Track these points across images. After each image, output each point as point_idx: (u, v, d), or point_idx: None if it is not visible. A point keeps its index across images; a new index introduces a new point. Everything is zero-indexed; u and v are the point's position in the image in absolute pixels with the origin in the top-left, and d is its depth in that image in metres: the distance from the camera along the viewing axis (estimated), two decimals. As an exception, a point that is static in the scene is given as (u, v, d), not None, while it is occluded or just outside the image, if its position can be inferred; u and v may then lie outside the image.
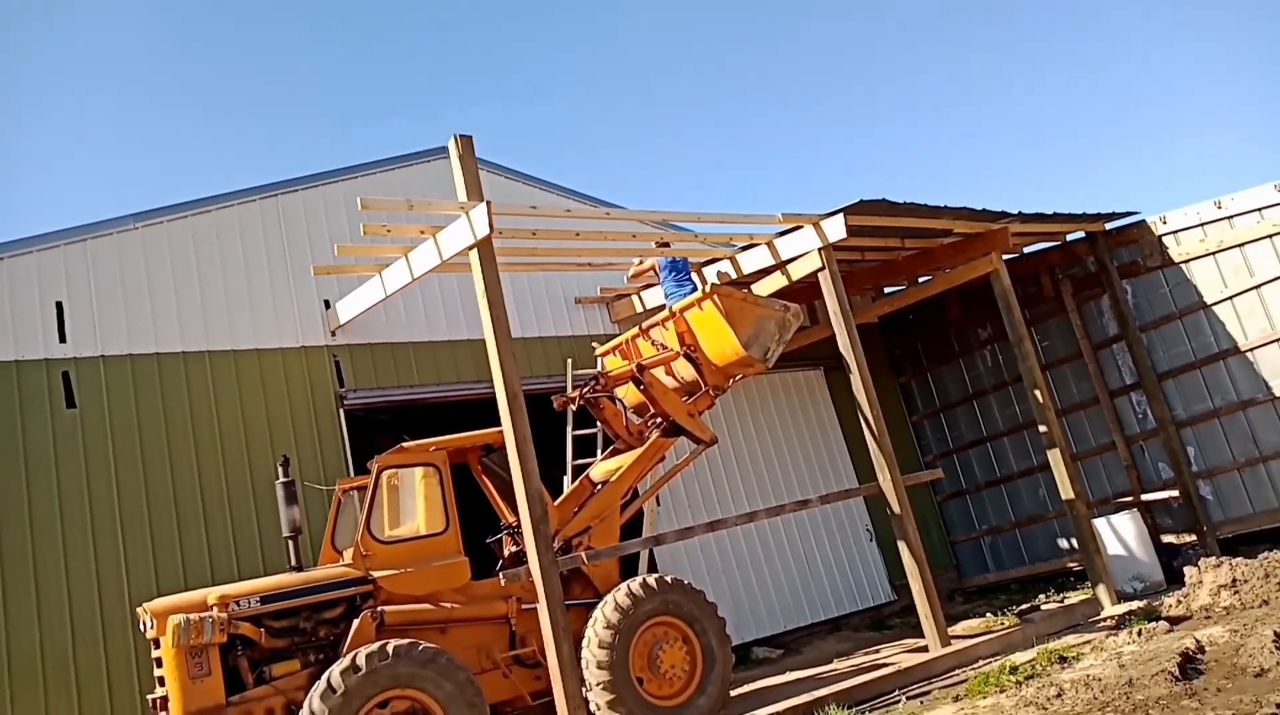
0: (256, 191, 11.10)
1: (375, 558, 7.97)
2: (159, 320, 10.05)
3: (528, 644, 8.39)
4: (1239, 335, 12.49)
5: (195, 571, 9.32)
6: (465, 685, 7.13)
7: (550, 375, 11.97)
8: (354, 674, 6.75)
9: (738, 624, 12.02)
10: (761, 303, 10.05)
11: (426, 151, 12.43)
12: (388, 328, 11.32)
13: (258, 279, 10.77)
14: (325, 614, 7.75)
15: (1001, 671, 8.10)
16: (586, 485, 9.55)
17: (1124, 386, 13.81)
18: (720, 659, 8.38)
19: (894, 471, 10.42)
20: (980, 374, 15.58)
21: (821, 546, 14.14)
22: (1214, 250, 12.61)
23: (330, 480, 9.88)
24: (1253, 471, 12.49)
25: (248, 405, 10.22)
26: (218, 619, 7.12)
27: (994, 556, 15.53)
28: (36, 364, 9.30)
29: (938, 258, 12.88)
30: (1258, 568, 9.10)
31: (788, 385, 14.82)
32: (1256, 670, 6.48)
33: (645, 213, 11.08)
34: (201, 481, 9.71)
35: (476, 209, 8.46)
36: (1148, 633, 8.55)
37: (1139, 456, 13.79)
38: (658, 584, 8.29)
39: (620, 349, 10.56)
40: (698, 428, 9.85)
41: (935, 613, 9.96)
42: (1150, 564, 12.16)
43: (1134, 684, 6.59)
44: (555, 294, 12.93)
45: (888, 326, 16.28)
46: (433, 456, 8.40)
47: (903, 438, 15.58)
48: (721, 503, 13.25)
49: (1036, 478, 14.73)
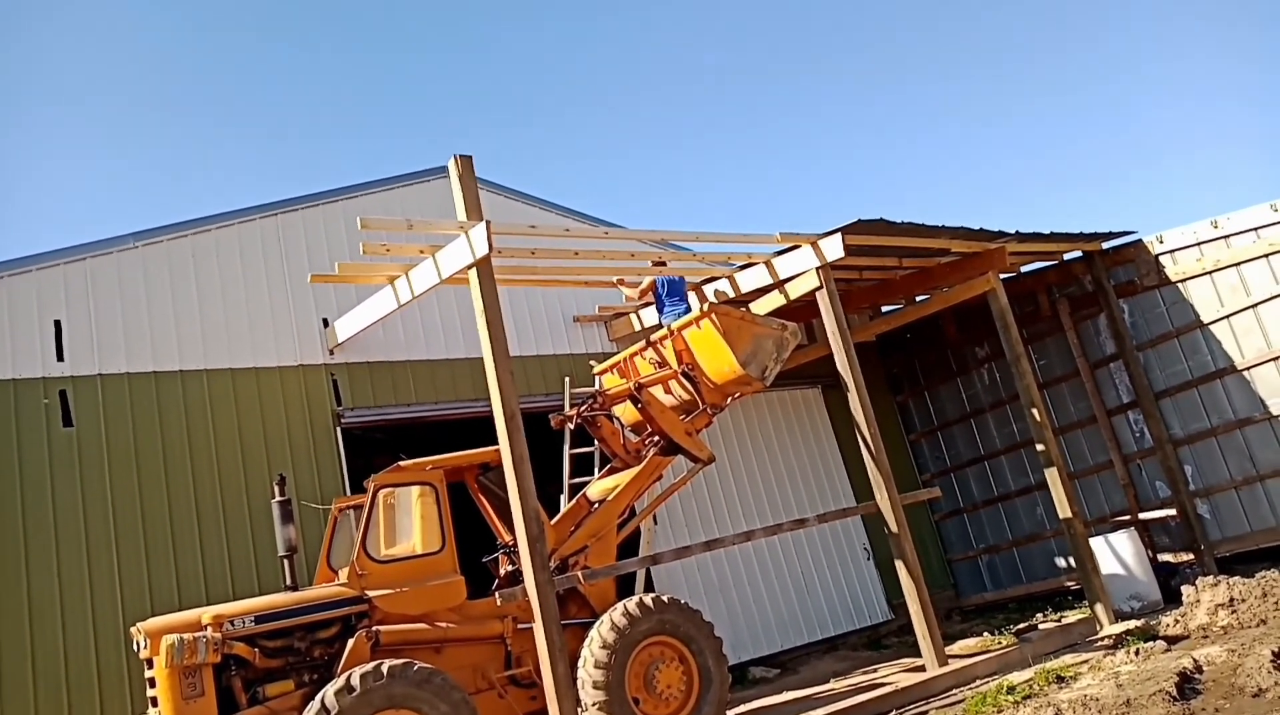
0: (256, 210, 11.15)
1: (371, 577, 7.94)
2: (157, 339, 10.06)
3: (523, 664, 8.35)
4: (1236, 354, 12.52)
5: (190, 591, 9.29)
6: (460, 705, 7.10)
7: (548, 394, 11.98)
8: (348, 694, 6.72)
9: (734, 643, 11.98)
10: (759, 321, 10.08)
11: (426, 171, 12.48)
12: (386, 346, 11.33)
13: (257, 298, 10.80)
14: (320, 633, 7.71)
15: (999, 691, 8.09)
16: (583, 504, 9.53)
17: (1121, 405, 13.82)
18: (717, 679, 8.35)
19: (891, 490, 10.41)
20: (978, 393, 15.60)
21: (819, 565, 14.11)
22: (1211, 269, 12.66)
23: (326, 499, 9.87)
24: (1250, 490, 12.49)
25: (245, 424, 10.22)
26: (212, 639, 7.08)
27: (991, 575, 15.50)
28: (34, 382, 9.30)
29: (935, 277, 12.93)
30: (1255, 587, 9.09)
31: (785, 404, 14.82)
32: (1254, 690, 6.47)
33: (644, 232, 11.13)
34: (197, 500, 9.70)
35: (476, 228, 8.50)
36: (1145, 652, 8.54)
37: (1136, 475, 13.79)
38: (654, 603, 8.27)
39: (618, 367, 10.58)
40: (695, 446, 9.85)
41: (932, 632, 9.93)
42: (1148, 583, 12.14)
43: (1131, 704, 6.58)
44: (553, 312, 12.95)
45: (885, 345, 16.30)
46: (429, 475, 8.38)
47: (900, 456, 15.59)
48: (719, 521, 13.23)
49: (1034, 496, 14.72)
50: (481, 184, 9.41)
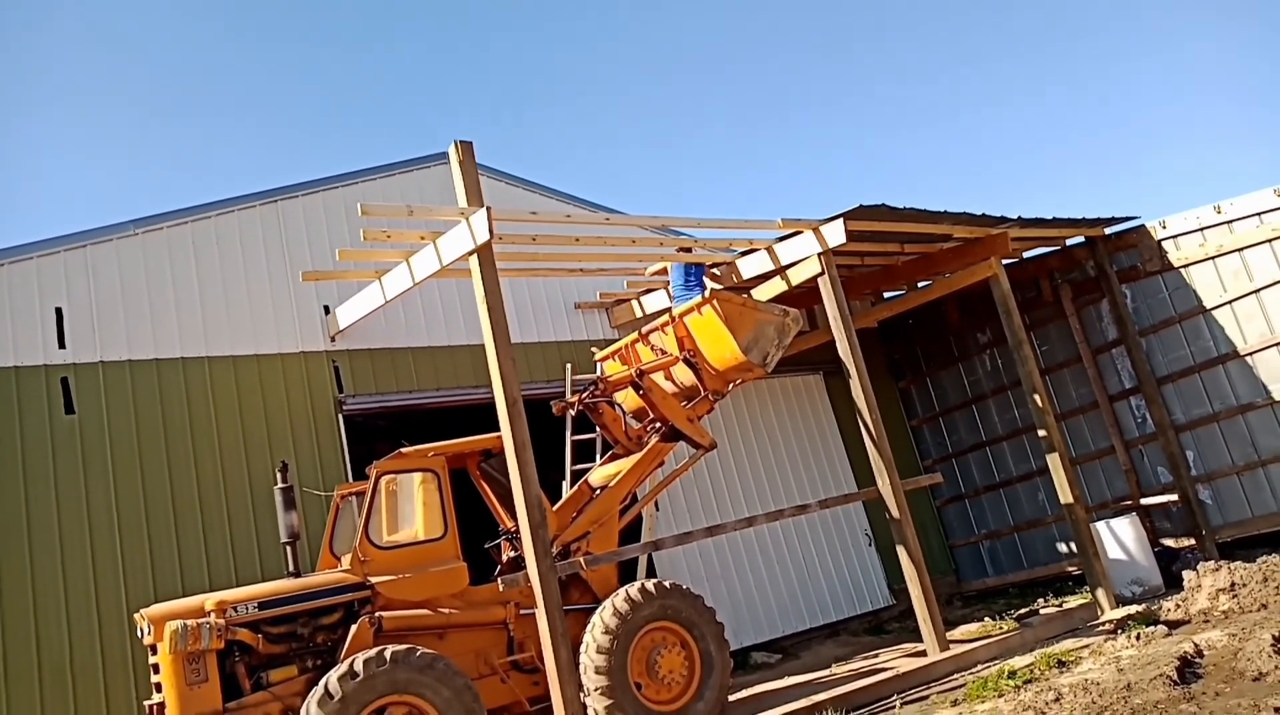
0: (257, 197, 11.12)
1: (373, 563, 7.96)
2: (158, 326, 10.06)
3: (526, 649, 8.39)
4: (1238, 339, 12.49)
5: (193, 577, 9.32)
6: (463, 691, 7.13)
7: (550, 380, 11.98)
8: (351, 680, 6.75)
9: (736, 629, 12.02)
10: (761, 308, 10.06)
11: (427, 157, 12.44)
12: (387, 333, 11.33)
13: (258, 285, 10.78)
14: (323, 620, 7.75)
15: (1000, 676, 8.10)
16: (585, 490, 9.55)
17: (1123, 391, 13.81)
18: (718, 664, 8.38)
19: (893, 476, 10.42)
20: (979, 378, 15.58)
21: (820, 551, 14.13)
22: (1213, 255, 12.61)
23: (329, 486, 9.89)
24: (1251, 476, 12.48)
25: (246, 411, 10.22)
26: (215, 625, 7.12)
27: (993, 561, 15.52)
28: (35, 370, 9.31)
29: (937, 263, 12.90)
30: (1256, 572, 9.09)
31: (787, 390, 14.82)
32: (1255, 674, 6.48)
33: (645, 218, 11.09)
34: (200, 487, 9.71)
35: (477, 214, 8.47)
36: (1146, 637, 8.55)
37: (1138, 461, 13.79)
38: (656, 589, 8.29)
39: (620, 354, 10.57)
40: (697, 432, 9.86)
41: (934, 617, 9.95)
42: (1149, 568, 12.15)
43: (1132, 688, 6.59)
44: (555, 299, 12.93)
45: (887, 331, 16.28)
46: (431, 462, 8.40)
47: (902, 442, 15.59)
48: (720, 507, 13.24)
49: (1035, 482, 14.72)
50: (482, 170, 9.38)
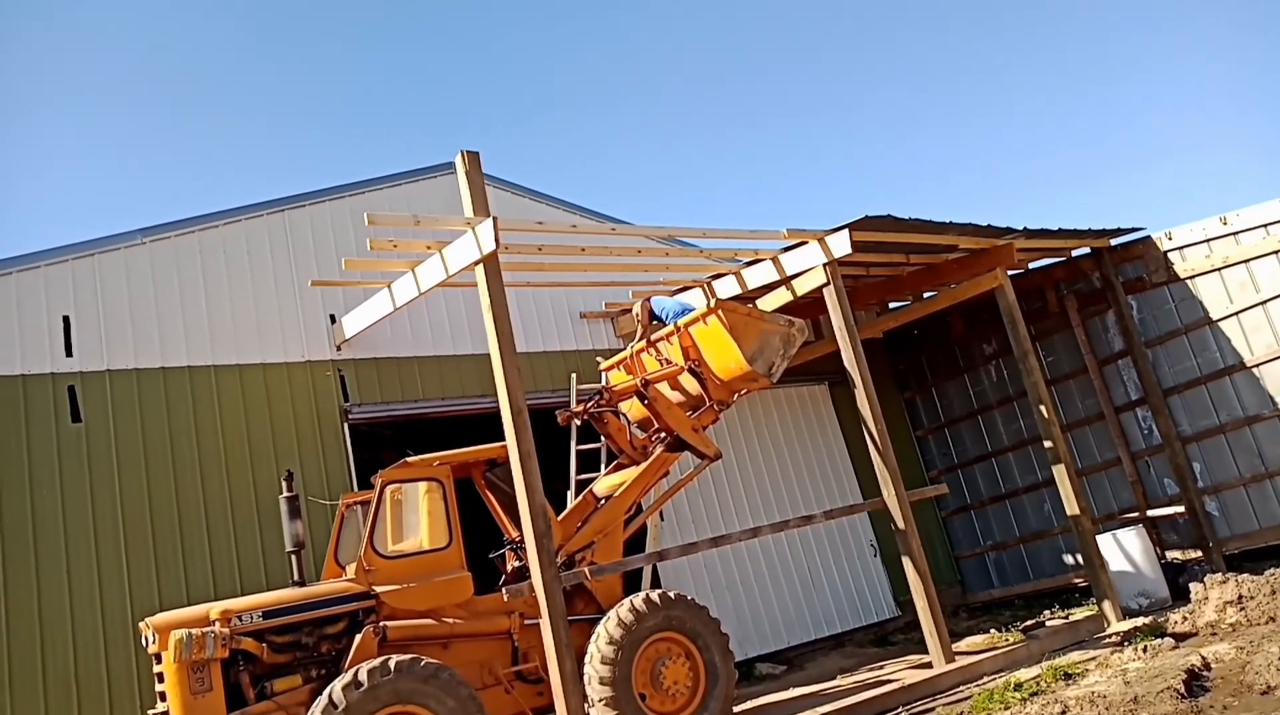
0: (264, 207, 11.17)
1: (378, 572, 7.96)
2: (165, 335, 10.09)
3: (530, 659, 8.36)
4: (1245, 351, 12.46)
5: (198, 586, 9.32)
6: (467, 701, 7.11)
7: (555, 390, 11.98)
8: (356, 689, 6.73)
9: (741, 640, 11.99)
10: (766, 318, 10.06)
11: (434, 167, 12.48)
12: (393, 342, 11.34)
13: (264, 293, 10.82)
14: (327, 629, 7.73)
15: (1006, 688, 8.07)
16: (590, 500, 9.54)
17: (1129, 402, 13.78)
18: (723, 675, 8.35)
19: (898, 487, 10.40)
20: (985, 389, 15.57)
21: (825, 562, 14.10)
22: (1220, 266, 12.60)
23: (334, 495, 9.89)
24: (1259, 487, 12.44)
25: (252, 419, 10.24)
26: (220, 634, 7.11)
27: (999, 572, 15.47)
28: (42, 378, 9.33)
29: (943, 273, 12.89)
30: (1264, 584, 9.05)
31: (792, 400, 14.81)
32: (1263, 687, 6.45)
33: (651, 228, 11.10)
34: (205, 496, 9.73)
35: (483, 224, 8.49)
36: (1153, 649, 8.51)
37: (1144, 472, 13.75)
38: (661, 600, 8.27)
39: (625, 364, 10.56)
40: (702, 443, 9.84)
41: (939, 629, 9.92)
42: (1155, 580, 12.10)
43: (1139, 701, 6.56)
44: (560, 309, 12.95)
45: (892, 341, 16.27)
46: (436, 471, 8.40)
47: (907, 453, 15.57)
48: (725, 518, 13.22)
49: (1041, 493, 14.69)
50: (488, 180, 9.40)
